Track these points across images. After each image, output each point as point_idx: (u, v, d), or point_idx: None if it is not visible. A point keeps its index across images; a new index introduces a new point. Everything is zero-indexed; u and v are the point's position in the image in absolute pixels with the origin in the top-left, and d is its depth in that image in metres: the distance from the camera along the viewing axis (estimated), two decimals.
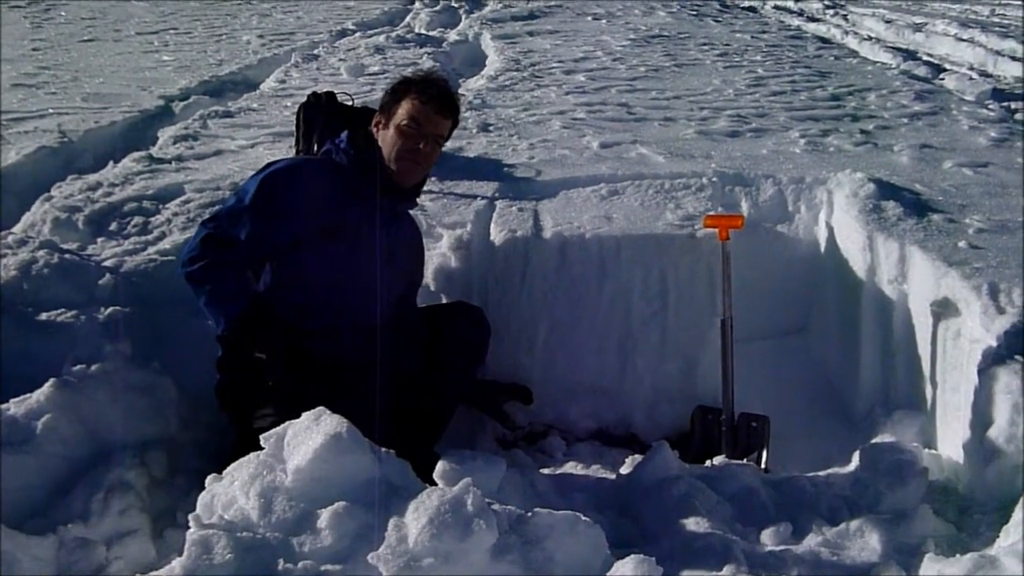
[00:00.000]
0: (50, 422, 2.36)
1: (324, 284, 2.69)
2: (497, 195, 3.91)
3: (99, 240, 3.71)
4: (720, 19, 10.52)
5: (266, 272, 2.72)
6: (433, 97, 2.74)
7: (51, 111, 6.03)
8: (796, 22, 11.05)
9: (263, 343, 2.55)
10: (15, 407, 2.38)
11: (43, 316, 2.88)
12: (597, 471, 3.01)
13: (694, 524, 2.30)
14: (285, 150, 4.58)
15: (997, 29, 10.44)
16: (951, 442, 2.79)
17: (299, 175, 2.73)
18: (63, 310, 2.92)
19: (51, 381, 2.47)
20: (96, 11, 11.97)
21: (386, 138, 2.75)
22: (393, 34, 9.93)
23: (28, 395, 2.43)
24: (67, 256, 3.30)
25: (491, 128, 5.11)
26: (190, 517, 1.94)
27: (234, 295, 2.58)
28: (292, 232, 2.66)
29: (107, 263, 3.43)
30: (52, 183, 4.40)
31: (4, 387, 2.49)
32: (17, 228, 3.81)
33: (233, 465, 2.07)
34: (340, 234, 2.69)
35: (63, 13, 11.93)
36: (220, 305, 2.57)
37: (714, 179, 3.97)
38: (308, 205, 2.67)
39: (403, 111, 2.73)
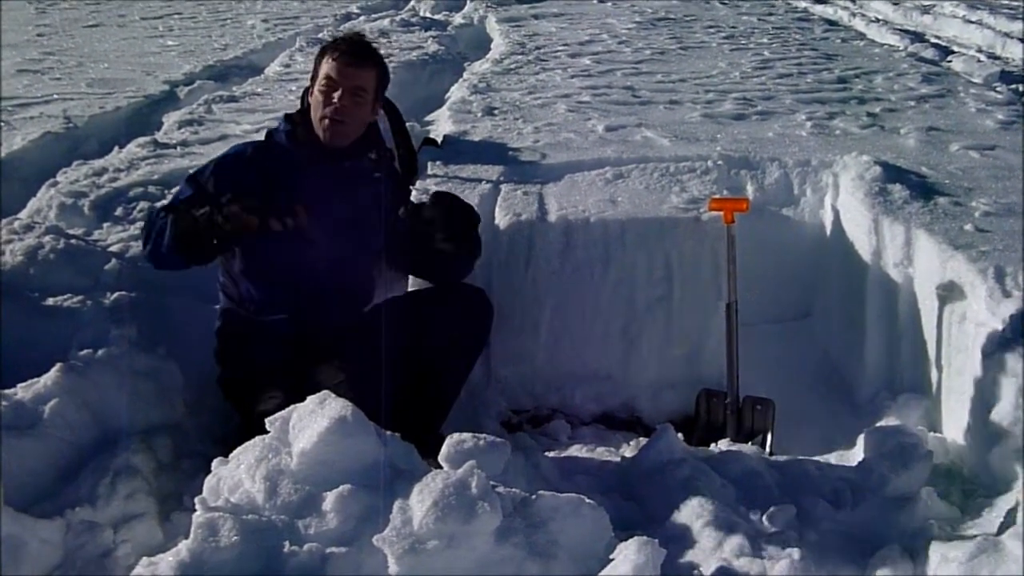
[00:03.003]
0: (56, 407, 2.37)
1: (287, 261, 2.71)
2: (502, 179, 3.89)
3: (105, 225, 3.73)
4: (726, 1, 10.44)
5: (236, 259, 2.76)
6: (343, 51, 2.76)
7: (56, 97, 6.04)
8: (803, 4, 10.96)
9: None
10: (22, 392, 2.39)
11: (49, 301, 2.90)
12: (601, 454, 3.01)
13: (698, 507, 2.30)
14: None
15: (1006, 11, 10.35)
16: (956, 426, 2.79)
17: (243, 158, 2.79)
18: (69, 295, 2.94)
19: (57, 366, 2.48)
20: None
21: (313, 103, 2.80)
22: (398, 17, 9.91)
23: (35, 380, 2.43)
24: (73, 241, 3.31)
25: (496, 112, 5.09)
26: (196, 500, 1.95)
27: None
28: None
29: (113, 248, 3.45)
30: (57, 169, 4.42)
31: (11, 372, 2.50)
32: (23, 214, 3.83)
33: (239, 449, 2.08)
34: (285, 205, 2.69)
35: None
36: (165, 227, 2.60)
37: (719, 162, 3.95)
38: (254, 185, 2.69)
39: (320, 73, 2.77)
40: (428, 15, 10.49)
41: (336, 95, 2.72)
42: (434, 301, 2.99)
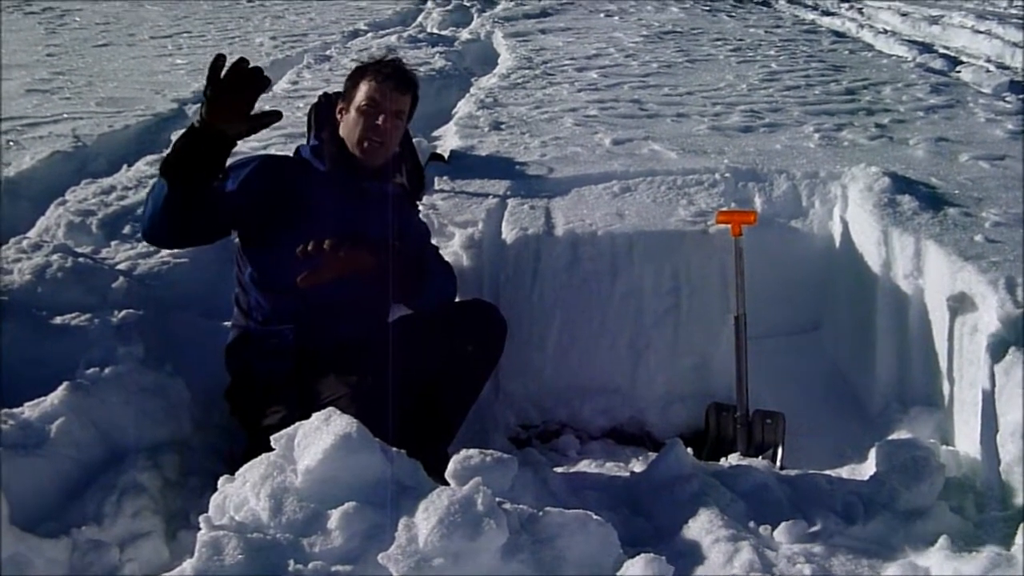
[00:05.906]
0: (63, 425, 2.36)
1: (296, 272, 2.65)
2: (509, 193, 3.90)
3: (113, 244, 3.74)
4: (733, 14, 10.47)
5: (245, 264, 2.78)
6: (388, 75, 2.83)
7: (65, 116, 6.06)
8: (810, 16, 10.97)
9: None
10: (29, 410, 2.38)
11: (57, 320, 2.90)
12: (610, 469, 3.00)
13: (707, 522, 2.28)
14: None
15: (1014, 21, 10.33)
16: (968, 438, 2.76)
17: (263, 162, 2.80)
18: (76, 313, 2.93)
19: (64, 384, 2.47)
20: (110, 16, 12.04)
21: (348, 122, 2.83)
22: (405, 34, 9.94)
23: (42, 398, 2.43)
24: (81, 260, 3.31)
25: (503, 126, 5.10)
26: (200, 518, 1.94)
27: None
28: (248, 202, 2.65)
29: (120, 266, 3.46)
30: (66, 187, 4.44)
31: (18, 390, 2.49)
32: (32, 232, 3.85)
33: (245, 466, 2.07)
34: (299, 214, 2.71)
35: (77, 18, 11.99)
36: (160, 186, 2.40)
37: (727, 175, 3.95)
38: (269, 188, 2.71)
39: (361, 93, 2.82)
40: (435, 31, 10.53)
41: (380, 118, 2.79)
42: (446, 316, 2.97)
